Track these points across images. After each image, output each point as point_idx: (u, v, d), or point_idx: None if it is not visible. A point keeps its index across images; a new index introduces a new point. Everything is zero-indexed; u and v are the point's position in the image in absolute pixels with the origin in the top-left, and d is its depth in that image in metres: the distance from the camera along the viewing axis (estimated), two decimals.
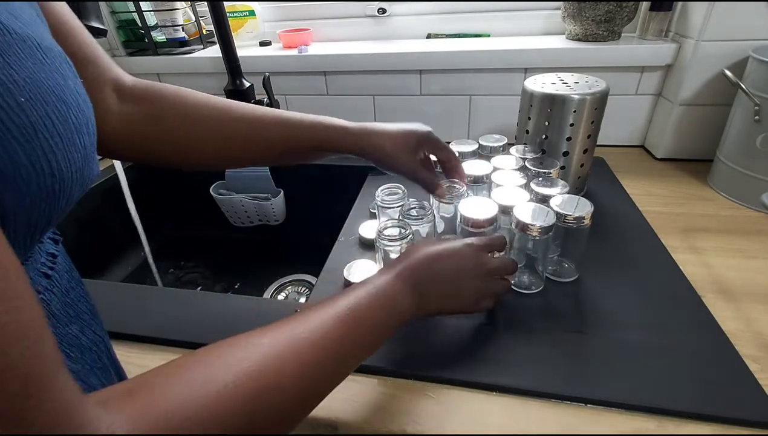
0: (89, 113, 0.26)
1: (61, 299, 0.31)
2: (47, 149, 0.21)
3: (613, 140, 0.86)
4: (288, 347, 0.28)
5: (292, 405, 0.27)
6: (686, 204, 0.67)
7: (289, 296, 0.90)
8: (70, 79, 0.24)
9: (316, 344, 0.29)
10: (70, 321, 0.31)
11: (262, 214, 0.93)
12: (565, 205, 0.48)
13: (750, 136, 0.63)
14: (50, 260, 0.30)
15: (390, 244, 0.48)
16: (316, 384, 0.29)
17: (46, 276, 0.29)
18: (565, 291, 0.51)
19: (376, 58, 0.87)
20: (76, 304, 0.32)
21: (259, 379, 0.25)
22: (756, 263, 0.54)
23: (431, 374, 0.41)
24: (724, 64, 0.69)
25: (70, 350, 0.31)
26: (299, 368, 0.27)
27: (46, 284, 0.29)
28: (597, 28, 0.79)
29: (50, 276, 0.30)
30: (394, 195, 0.59)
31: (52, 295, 0.30)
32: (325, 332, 0.30)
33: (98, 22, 0.62)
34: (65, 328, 0.31)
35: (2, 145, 0.19)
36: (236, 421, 0.23)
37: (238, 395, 0.24)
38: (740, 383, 0.39)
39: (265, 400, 0.25)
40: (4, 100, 0.19)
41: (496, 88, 0.86)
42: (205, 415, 0.22)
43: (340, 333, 0.31)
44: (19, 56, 0.21)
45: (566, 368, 0.41)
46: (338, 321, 0.31)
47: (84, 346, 0.32)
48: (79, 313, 0.32)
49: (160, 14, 0.96)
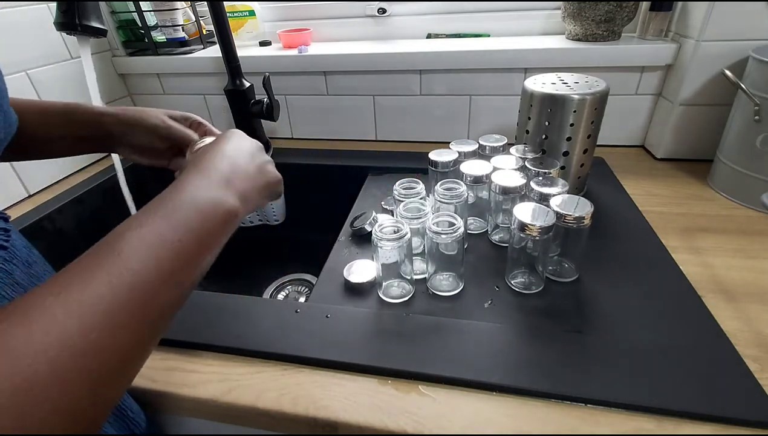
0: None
1: (24, 271, 0.32)
2: None
3: (613, 140, 0.86)
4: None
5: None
6: (686, 204, 0.67)
7: (289, 295, 0.90)
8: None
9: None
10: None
11: (262, 214, 0.92)
12: (565, 205, 0.48)
13: (750, 136, 0.62)
14: (3, 233, 0.32)
15: (387, 243, 0.48)
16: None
17: (3, 247, 0.31)
18: (564, 291, 0.51)
19: (376, 58, 0.87)
20: (42, 277, 0.34)
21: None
22: (756, 263, 0.54)
23: (431, 374, 0.41)
24: (724, 64, 0.69)
25: None
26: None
27: (4, 255, 0.31)
28: (597, 28, 0.79)
29: (6, 248, 0.32)
30: (410, 189, 0.58)
31: (12, 265, 0.31)
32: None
33: (98, 22, 0.62)
34: None
35: None
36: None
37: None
38: (740, 383, 0.39)
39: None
40: None
41: (496, 88, 0.86)
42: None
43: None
44: None
45: (566, 368, 0.41)
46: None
47: None
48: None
49: (160, 14, 0.96)
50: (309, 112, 0.99)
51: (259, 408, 0.40)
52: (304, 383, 0.42)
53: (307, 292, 0.90)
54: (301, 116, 1.00)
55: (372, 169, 0.84)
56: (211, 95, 1.02)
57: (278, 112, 0.86)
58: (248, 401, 0.41)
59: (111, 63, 1.00)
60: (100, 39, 0.74)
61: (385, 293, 0.52)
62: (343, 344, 0.45)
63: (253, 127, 0.87)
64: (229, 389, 0.42)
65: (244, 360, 0.45)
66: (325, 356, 0.44)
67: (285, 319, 0.49)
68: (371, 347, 0.44)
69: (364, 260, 0.57)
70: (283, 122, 1.02)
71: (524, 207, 0.48)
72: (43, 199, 0.80)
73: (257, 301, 0.54)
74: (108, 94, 1.00)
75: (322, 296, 0.53)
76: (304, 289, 0.91)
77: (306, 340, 0.46)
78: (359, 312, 0.49)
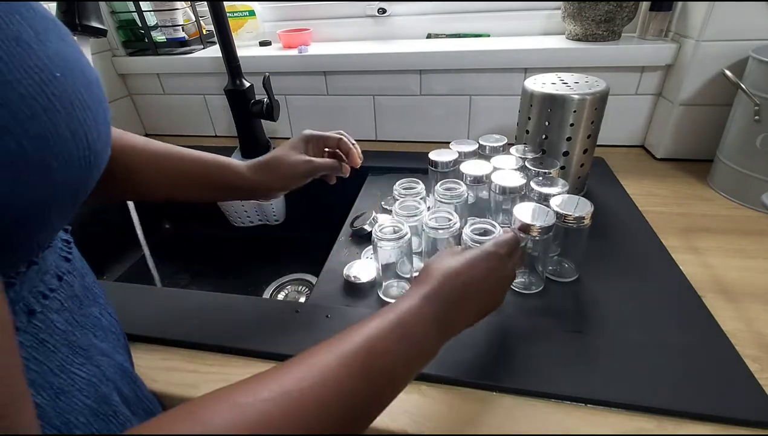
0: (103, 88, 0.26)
1: (80, 282, 0.32)
2: (83, 121, 0.22)
3: (613, 140, 0.86)
4: (287, 406, 0.23)
5: None
6: (686, 204, 0.67)
7: (289, 295, 0.90)
8: (82, 55, 0.24)
9: (323, 399, 0.24)
10: (91, 303, 0.33)
11: (262, 214, 0.92)
12: (565, 205, 0.48)
13: (750, 136, 0.62)
14: (66, 245, 0.32)
15: (387, 243, 0.48)
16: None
17: (67, 260, 0.31)
18: (564, 291, 0.51)
19: (376, 58, 0.87)
20: (92, 288, 0.34)
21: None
22: (756, 263, 0.54)
23: (432, 374, 0.41)
24: (724, 64, 0.69)
25: (95, 330, 0.32)
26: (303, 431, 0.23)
27: (68, 268, 0.30)
28: (597, 28, 0.79)
29: (70, 260, 0.31)
30: (410, 189, 0.58)
31: (73, 278, 0.31)
32: (333, 378, 0.25)
33: (98, 22, 0.62)
34: (88, 309, 0.32)
35: (49, 118, 0.20)
36: None
37: None
38: (740, 383, 0.39)
39: None
40: (45, 74, 0.20)
41: (496, 88, 0.86)
42: None
43: (351, 379, 0.26)
44: (46, 32, 0.21)
45: (566, 368, 0.41)
46: (349, 361, 0.26)
47: (105, 326, 0.33)
48: (95, 296, 0.34)
49: (160, 14, 0.96)
50: (309, 112, 0.99)
51: None
52: None
53: (307, 292, 0.90)
54: (301, 116, 1.00)
55: (372, 169, 0.84)
56: (211, 95, 1.02)
57: (278, 112, 0.86)
58: None
59: (111, 63, 1.01)
60: (100, 39, 0.75)
61: (385, 293, 0.52)
62: None
63: (253, 127, 0.87)
64: None
65: (244, 360, 0.45)
66: None
67: (285, 319, 0.49)
68: None
69: (364, 260, 0.57)
70: (283, 122, 1.02)
71: (524, 207, 0.48)
72: None
73: (257, 301, 0.54)
74: (108, 94, 1.00)
75: (322, 296, 0.53)
76: (304, 289, 0.91)
77: (306, 340, 0.46)
78: (359, 312, 0.49)
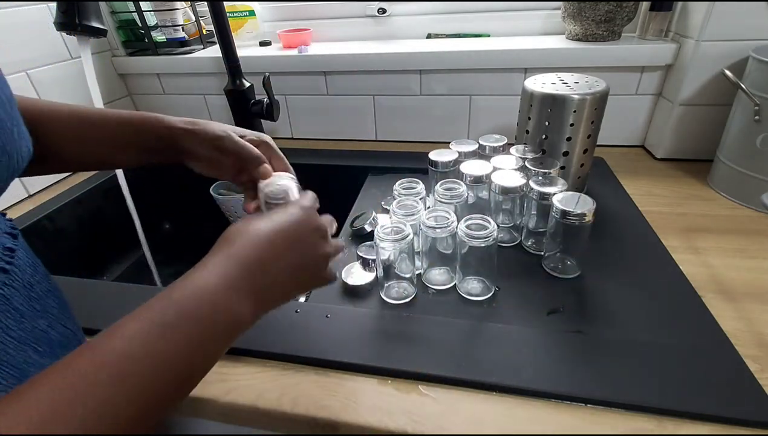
0: (9, 91, 0.25)
1: (24, 294, 0.30)
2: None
3: (613, 140, 0.86)
4: (67, 398, 0.21)
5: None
6: (686, 204, 0.67)
7: None
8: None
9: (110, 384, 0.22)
10: (37, 316, 0.31)
11: None
12: (566, 202, 0.49)
13: (750, 136, 0.62)
14: (8, 254, 0.30)
15: (388, 244, 0.48)
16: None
17: (4, 271, 0.29)
18: (566, 289, 0.51)
19: (376, 58, 0.87)
20: (42, 299, 0.32)
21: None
22: (756, 263, 0.54)
23: (431, 373, 0.41)
24: (724, 64, 0.69)
25: (38, 344, 0.30)
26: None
27: (4, 279, 0.29)
28: (597, 28, 0.79)
29: (8, 271, 0.30)
30: (410, 189, 0.58)
31: (12, 290, 0.29)
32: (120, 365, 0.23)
33: (98, 22, 0.62)
34: (31, 322, 0.30)
35: None
36: None
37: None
38: (740, 383, 0.39)
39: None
40: None
41: (496, 88, 0.86)
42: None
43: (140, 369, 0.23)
44: None
45: (566, 368, 0.41)
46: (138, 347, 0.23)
47: (54, 340, 0.32)
48: (46, 308, 0.32)
49: (160, 14, 0.96)
50: (309, 112, 0.99)
51: (259, 408, 0.40)
52: (304, 383, 0.42)
53: (307, 292, 0.90)
54: (301, 116, 1.00)
55: (372, 169, 0.84)
56: (211, 95, 1.02)
57: (278, 112, 0.86)
58: (248, 401, 0.41)
59: (111, 63, 1.00)
60: (100, 39, 0.75)
61: (386, 295, 0.52)
62: (343, 344, 0.45)
63: (253, 127, 0.86)
64: (229, 389, 0.42)
65: (244, 360, 0.45)
66: (325, 356, 0.44)
67: (285, 319, 0.49)
68: (371, 347, 0.44)
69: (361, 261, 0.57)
70: (283, 122, 1.02)
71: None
72: (43, 199, 0.80)
73: None
74: (108, 94, 1.00)
75: (322, 296, 0.53)
76: None
77: (306, 340, 0.46)
78: (359, 312, 0.49)
